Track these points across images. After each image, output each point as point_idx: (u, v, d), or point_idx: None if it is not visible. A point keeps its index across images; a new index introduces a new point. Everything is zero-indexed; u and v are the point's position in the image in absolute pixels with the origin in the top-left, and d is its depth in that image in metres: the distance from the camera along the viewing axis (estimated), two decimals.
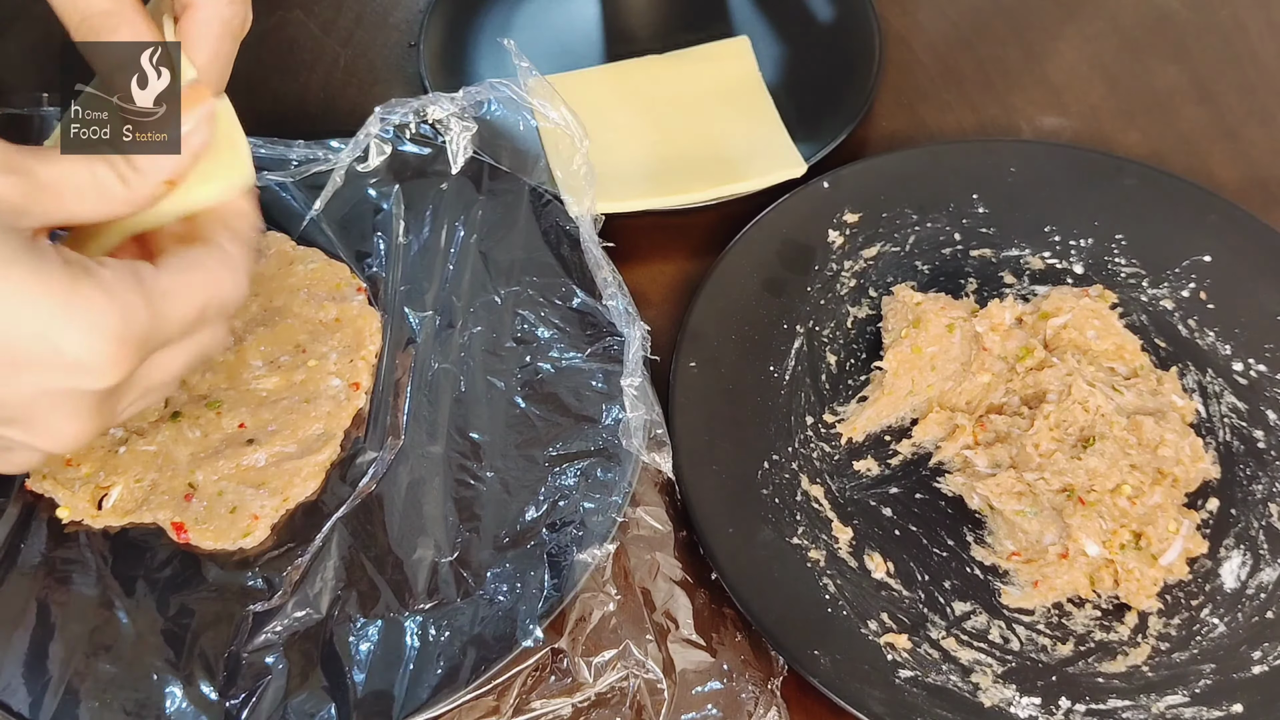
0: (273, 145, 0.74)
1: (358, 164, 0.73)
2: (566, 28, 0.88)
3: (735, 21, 0.88)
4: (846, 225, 0.74)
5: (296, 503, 0.62)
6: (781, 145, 0.77)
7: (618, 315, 0.66)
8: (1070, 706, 0.56)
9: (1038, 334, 0.67)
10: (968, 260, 0.73)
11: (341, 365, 0.66)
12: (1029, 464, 0.62)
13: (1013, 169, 0.75)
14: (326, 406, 0.65)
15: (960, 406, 0.67)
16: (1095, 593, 0.60)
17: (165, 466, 0.62)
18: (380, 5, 0.92)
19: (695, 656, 0.57)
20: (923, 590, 0.60)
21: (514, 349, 0.67)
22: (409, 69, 0.87)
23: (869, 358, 0.69)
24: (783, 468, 0.65)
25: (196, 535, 0.60)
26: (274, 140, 0.74)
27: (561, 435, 0.64)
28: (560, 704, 0.56)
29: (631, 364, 0.63)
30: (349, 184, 0.73)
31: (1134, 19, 0.89)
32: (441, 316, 0.69)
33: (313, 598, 0.58)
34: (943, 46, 0.88)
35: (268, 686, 0.55)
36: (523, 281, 0.70)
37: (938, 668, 0.57)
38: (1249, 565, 0.60)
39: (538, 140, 0.75)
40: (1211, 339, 0.68)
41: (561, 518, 0.60)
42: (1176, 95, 0.83)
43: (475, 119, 0.73)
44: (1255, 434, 0.65)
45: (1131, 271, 0.71)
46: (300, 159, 0.74)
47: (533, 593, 0.58)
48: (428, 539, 0.60)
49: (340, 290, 0.70)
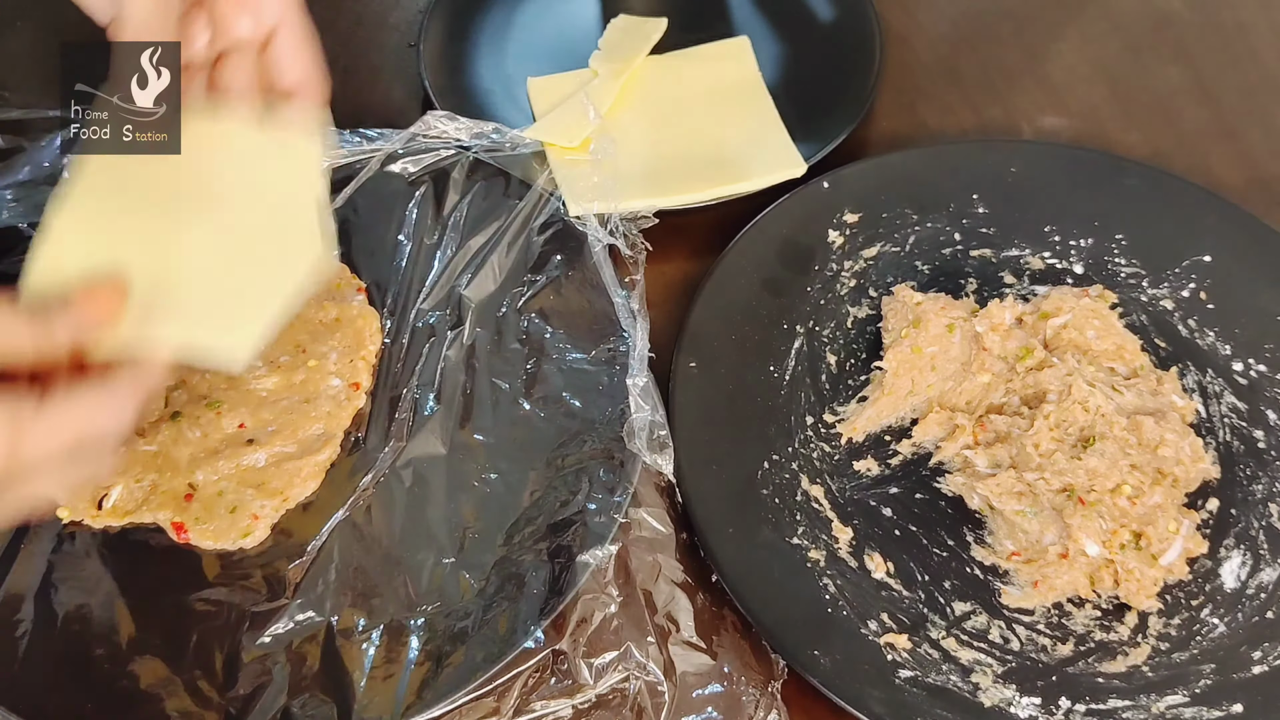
0: None
1: (389, 163, 0.74)
2: (566, 28, 0.88)
3: (735, 21, 0.88)
4: (846, 225, 0.74)
5: (296, 503, 0.62)
6: (781, 145, 0.77)
7: (623, 312, 0.66)
8: (1070, 706, 0.56)
9: (1038, 334, 0.67)
10: (968, 260, 0.73)
11: (341, 365, 0.66)
12: (1029, 464, 0.62)
13: (1013, 169, 0.75)
14: (326, 407, 0.65)
15: (960, 406, 0.67)
16: (1095, 593, 0.60)
17: (165, 466, 0.62)
18: (380, 6, 0.92)
19: (696, 659, 0.57)
20: (923, 590, 0.60)
21: (519, 350, 0.67)
22: (409, 69, 0.87)
23: (869, 358, 0.69)
24: (783, 468, 0.65)
25: (196, 535, 0.60)
26: None
27: (565, 436, 0.64)
28: (561, 705, 0.56)
29: (637, 363, 0.64)
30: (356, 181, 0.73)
31: (1135, 19, 0.89)
32: (446, 317, 0.69)
33: (314, 598, 0.58)
34: (943, 46, 0.88)
35: (268, 687, 0.55)
36: (527, 282, 0.70)
37: (938, 668, 0.57)
38: (1249, 565, 0.60)
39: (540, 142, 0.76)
40: (1211, 339, 0.68)
41: (563, 519, 0.60)
42: (1177, 95, 0.83)
43: None
44: (1255, 434, 0.65)
45: (1131, 271, 0.71)
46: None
47: (534, 594, 0.58)
48: (430, 540, 0.60)
49: (340, 290, 0.70)
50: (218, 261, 0.53)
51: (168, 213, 0.54)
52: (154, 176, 0.55)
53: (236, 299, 0.53)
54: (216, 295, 0.52)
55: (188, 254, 0.53)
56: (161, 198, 0.55)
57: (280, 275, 0.54)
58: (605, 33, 0.85)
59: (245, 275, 0.53)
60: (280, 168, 0.56)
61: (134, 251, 0.52)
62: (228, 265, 0.53)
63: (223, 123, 0.57)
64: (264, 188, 0.56)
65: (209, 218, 0.54)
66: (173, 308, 0.49)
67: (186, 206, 0.55)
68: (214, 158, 0.56)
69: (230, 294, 0.53)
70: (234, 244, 0.54)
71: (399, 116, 0.82)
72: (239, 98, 0.56)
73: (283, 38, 0.55)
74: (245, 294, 0.53)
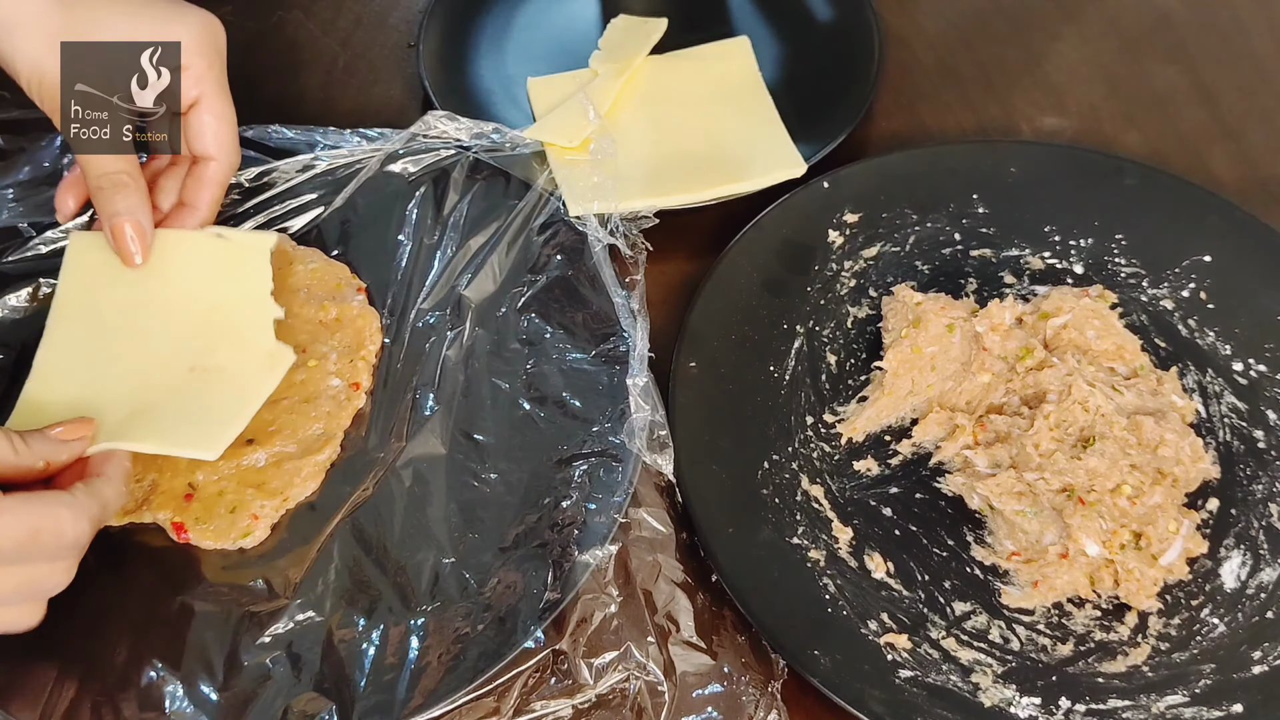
0: (308, 132, 0.75)
1: (389, 163, 0.74)
2: (566, 28, 0.88)
3: (735, 21, 0.88)
4: (846, 225, 0.74)
5: (296, 503, 0.62)
6: (781, 145, 0.77)
7: (623, 312, 0.66)
8: (1070, 706, 0.56)
9: (1038, 334, 0.67)
10: (968, 260, 0.73)
11: (342, 365, 0.66)
12: (1029, 464, 0.62)
13: (1013, 169, 0.75)
14: (326, 406, 0.65)
15: (960, 406, 0.67)
16: (1095, 593, 0.60)
17: (165, 466, 0.62)
18: (380, 6, 0.92)
19: (696, 659, 0.57)
20: (923, 590, 0.60)
21: (519, 350, 0.67)
22: (408, 69, 0.87)
23: (869, 358, 0.69)
24: (783, 468, 0.65)
25: (196, 535, 0.60)
26: (308, 128, 0.75)
27: (565, 436, 0.64)
28: (561, 705, 0.56)
29: (637, 363, 0.64)
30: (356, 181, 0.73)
31: (1134, 19, 0.89)
32: (446, 317, 0.69)
33: (314, 598, 0.58)
34: (943, 46, 0.88)
35: (268, 687, 0.55)
36: (527, 282, 0.70)
37: (938, 668, 0.57)
38: (1249, 565, 0.60)
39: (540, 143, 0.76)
40: (1211, 339, 0.68)
41: (564, 519, 0.60)
42: (1176, 95, 0.83)
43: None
44: (1255, 434, 0.65)
45: (1131, 271, 0.71)
46: (324, 146, 0.75)
47: (534, 594, 0.58)
48: (430, 540, 0.60)
49: (340, 290, 0.70)
50: (185, 376, 0.61)
51: (136, 334, 0.62)
52: (123, 298, 0.63)
53: (205, 406, 0.60)
54: (187, 408, 0.60)
55: (158, 372, 0.61)
56: (131, 318, 0.63)
57: (245, 378, 0.62)
58: (605, 33, 0.85)
59: (212, 384, 0.61)
60: (233, 269, 0.65)
61: (109, 378, 0.60)
62: (195, 378, 0.61)
63: (178, 235, 0.65)
64: (221, 291, 0.64)
65: (174, 331, 0.63)
66: (147, 423, 0.55)
67: (153, 325, 0.63)
68: (174, 270, 0.64)
69: (199, 404, 0.60)
70: (198, 354, 0.62)
71: (399, 116, 0.82)
72: (180, 213, 0.66)
73: (201, 108, 0.63)
74: (213, 400, 0.60)
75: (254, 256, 0.66)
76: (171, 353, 0.62)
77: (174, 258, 0.65)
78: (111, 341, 0.61)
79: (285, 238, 0.72)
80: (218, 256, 0.66)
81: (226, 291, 0.65)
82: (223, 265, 0.65)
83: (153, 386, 0.60)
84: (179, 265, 0.65)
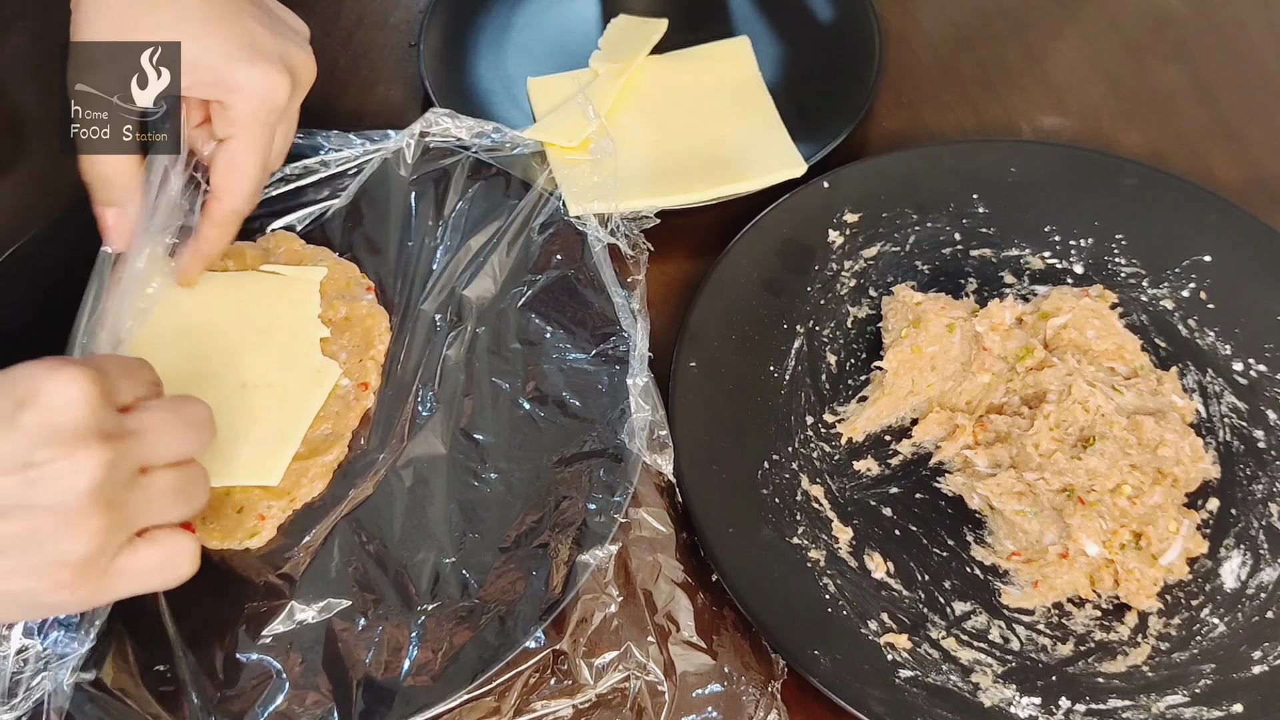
0: (310, 135, 0.75)
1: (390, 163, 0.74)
2: (566, 28, 0.88)
3: (735, 21, 0.88)
4: (846, 225, 0.74)
5: (303, 503, 0.62)
6: (781, 145, 0.77)
7: (623, 312, 0.66)
8: (1070, 706, 0.56)
9: (1038, 334, 0.67)
10: (968, 260, 0.73)
11: (351, 365, 0.66)
12: (1029, 464, 0.62)
13: (1013, 169, 0.75)
14: (335, 407, 0.65)
15: (960, 406, 0.67)
16: (1095, 593, 0.60)
17: None
18: (380, 5, 0.92)
19: (696, 659, 0.57)
20: (923, 590, 0.60)
21: (519, 350, 0.67)
22: (409, 69, 0.87)
23: (869, 358, 0.69)
24: (783, 468, 0.65)
25: (203, 534, 0.60)
26: (311, 131, 0.75)
27: (565, 436, 0.64)
28: (561, 705, 0.56)
29: (637, 363, 0.64)
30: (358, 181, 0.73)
31: (1134, 19, 0.89)
32: (446, 317, 0.69)
33: (314, 598, 0.58)
34: (943, 46, 0.88)
35: (269, 687, 0.55)
36: (528, 282, 0.70)
37: (938, 668, 0.57)
38: (1249, 565, 0.60)
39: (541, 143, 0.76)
40: (1211, 339, 0.68)
41: (563, 519, 0.60)
42: (1176, 95, 0.83)
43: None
44: (1255, 434, 0.65)
45: (1131, 271, 0.71)
46: (329, 150, 0.75)
47: (534, 594, 0.58)
48: (431, 540, 0.60)
49: (349, 289, 0.70)
50: (238, 392, 0.64)
51: (189, 354, 0.65)
52: (179, 323, 0.66)
53: (258, 425, 0.63)
54: (240, 428, 0.62)
55: (210, 389, 0.61)
56: (184, 339, 0.66)
57: (293, 392, 0.64)
58: (605, 33, 0.85)
59: (263, 399, 0.64)
60: (283, 297, 0.68)
61: None
62: (246, 393, 0.64)
63: (231, 275, 0.69)
64: (271, 316, 0.67)
65: (226, 351, 0.65)
66: (207, 452, 0.54)
67: (205, 346, 0.65)
68: (227, 299, 0.67)
69: (251, 422, 0.63)
70: (249, 371, 0.65)
71: (399, 116, 0.82)
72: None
73: (227, 148, 0.63)
74: (265, 416, 0.63)
75: (303, 286, 0.68)
76: (224, 370, 0.64)
77: (226, 290, 0.68)
78: (165, 360, 0.60)
79: (294, 236, 0.72)
80: (268, 288, 0.68)
81: (276, 316, 0.67)
82: (273, 294, 0.68)
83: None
84: (232, 295, 0.68)
